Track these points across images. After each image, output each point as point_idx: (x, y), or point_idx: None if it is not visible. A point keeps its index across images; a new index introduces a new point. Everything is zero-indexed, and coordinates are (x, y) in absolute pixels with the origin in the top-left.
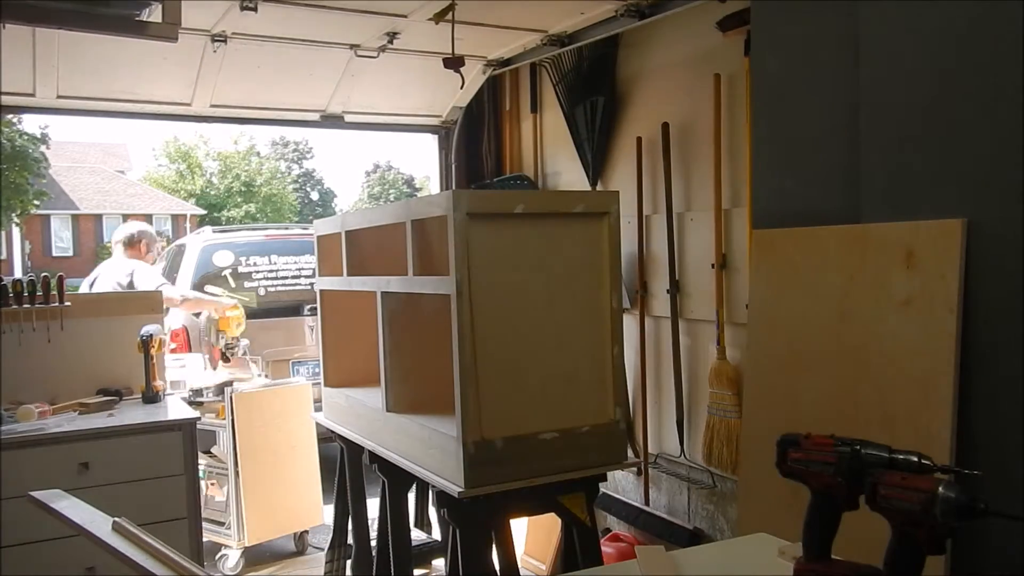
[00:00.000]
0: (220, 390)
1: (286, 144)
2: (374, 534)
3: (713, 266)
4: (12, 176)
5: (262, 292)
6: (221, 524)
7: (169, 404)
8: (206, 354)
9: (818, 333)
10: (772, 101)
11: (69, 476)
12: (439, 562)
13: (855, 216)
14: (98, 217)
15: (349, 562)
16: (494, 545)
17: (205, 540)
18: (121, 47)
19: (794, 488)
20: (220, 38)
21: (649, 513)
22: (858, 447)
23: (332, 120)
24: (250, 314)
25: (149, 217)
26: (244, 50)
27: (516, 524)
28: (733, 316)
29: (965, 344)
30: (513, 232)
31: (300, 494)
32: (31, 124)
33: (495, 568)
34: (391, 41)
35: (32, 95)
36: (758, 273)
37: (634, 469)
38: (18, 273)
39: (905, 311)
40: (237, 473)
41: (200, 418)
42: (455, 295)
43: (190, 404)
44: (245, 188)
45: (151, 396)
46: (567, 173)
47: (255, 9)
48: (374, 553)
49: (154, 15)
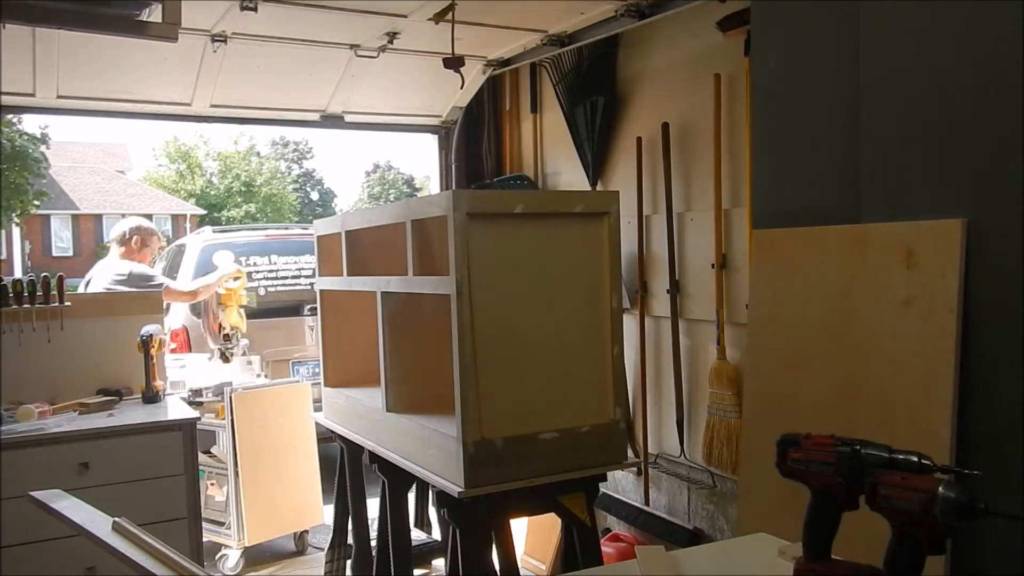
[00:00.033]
0: (220, 390)
1: (286, 144)
2: (374, 534)
3: (713, 266)
4: (12, 176)
5: (262, 292)
6: (221, 524)
7: (169, 404)
8: (208, 332)
9: (818, 333)
10: (772, 101)
11: (69, 476)
12: (439, 562)
13: (855, 216)
14: (98, 217)
15: (349, 562)
16: (494, 545)
17: (205, 540)
18: (121, 47)
19: (794, 488)
20: (220, 38)
21: (649, 513)
22: (858, 447)
23: (332, 120)
24: (250, 314)
25: (149, 217)
26: (244, 50)
27: (516, 524)
28: (733, 316)
29: (965, 344)
30: (513, 232)
31: (300, 494)
32: (31, 124)
33: (495, 568)
34: (391, 41)
35: (32, 95)
36: (758, 273)
37: (634, 469)
38: (18, 273)
39: (905, 311)
40: (237, 473)
41: (200, 418)
42: (455, 295)
43: (190, 404)
44: (245, 188)
45: (151, 396)
46: (567, 173)
47: (255, 9)
48: (374, 553)
49: (154, 15)
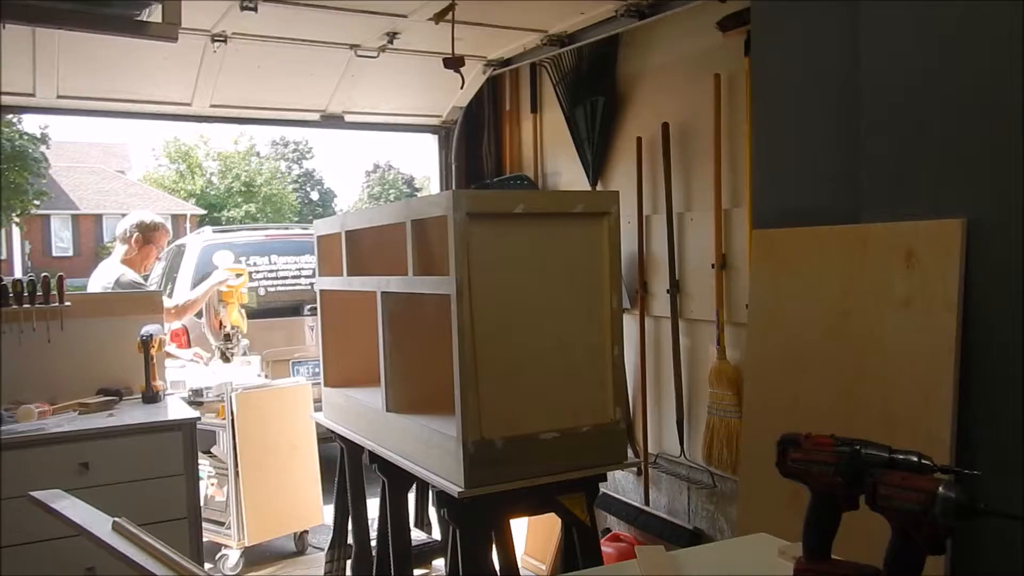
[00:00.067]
0: (221, 390)
1: (286, 144)
2: (374, 534)
3: (713, 266)
4: (12, 176)
5: (262, 292)
6: (221, 524)
7: (169, 404)
8: (208, 329)
9: (818, 333)
10: (772, 101)
11: (69, 476)
12: (439, 562)
13: (855, 216)
14: (98, 217)
15: (349, 562)
16: (494, 545)
17: (205, 540)
18: (121, 47)
19: (794, 488)
20: (220, 38)
21: (649, 513)
22: (858, 447)
23: (332, 120)
24: (250, 314)
25: None
26: (244, 50)
27: (516, 524)
28: (733, 316)
29: (965, 344)
30: (513, 232)
31: (300, 494)
32: (31, 124)
33: (495, 568)
34: (391, 41)
35: (32, 95)
36: (758, 273)
37: (634, 469)
38: (18, 273)
39: (905, 311)
40: (237, 473)
41: (200, 418)
42: (455, 295)
43: (190, 404)
44: (245, 188)
45: (151, 396)
46: (567, 173)
47: (255, 9)
48: (374, 553)
49: (154, 15)
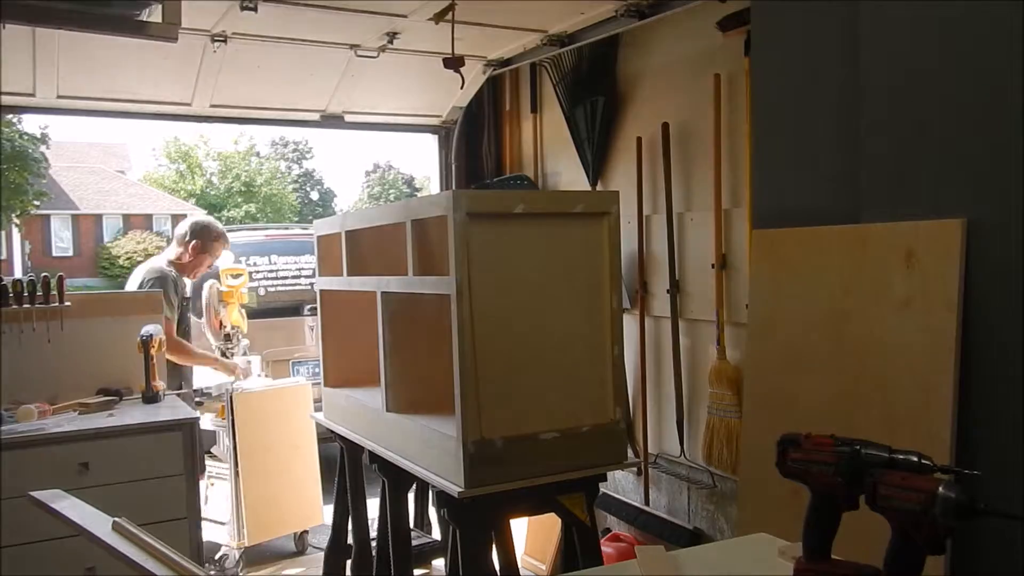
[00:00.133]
0: (222, 390)
1: (286, 144)
2: (374, 534)
3: (713, 266)
4: (12, 176)
5: (262, 292)
6: (221, 524)
7: (169, 404)
8: (208, 328)
9: (818, 333)
10: (772, 101)
11: (69, 476)
12: (439, 562)
13: (855, 216)
14: (98, 217)
15: (349, 562)
16: (494, 545)
17: (205, 540)
18: (121, 47)
19: (794, 488)
20: (220, 38)
21: (649, 513)
22: (858, 447)
23: (332, 120)
24: (250, 314)
25: (149, 217)
26: (244, 50)
27: (516, 524)
28: (733, 316)
29: (965, 344)
30: (513, 232)
31: (300, 494)
32: (31, 124)
33: (495, 568)
34: (391, 41)
35: (32, 95)
36: (758, 273)
37: (634, 469)
38: (18, 273)
39: (905, 311)
40: (237, 473)
41: (199, 418)
42: (455, 295)
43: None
44: (245, 188)
45: (151, 396)
46: (567, 173)
47: (255, 9)
48: (374, 553)
49: (154, 15)
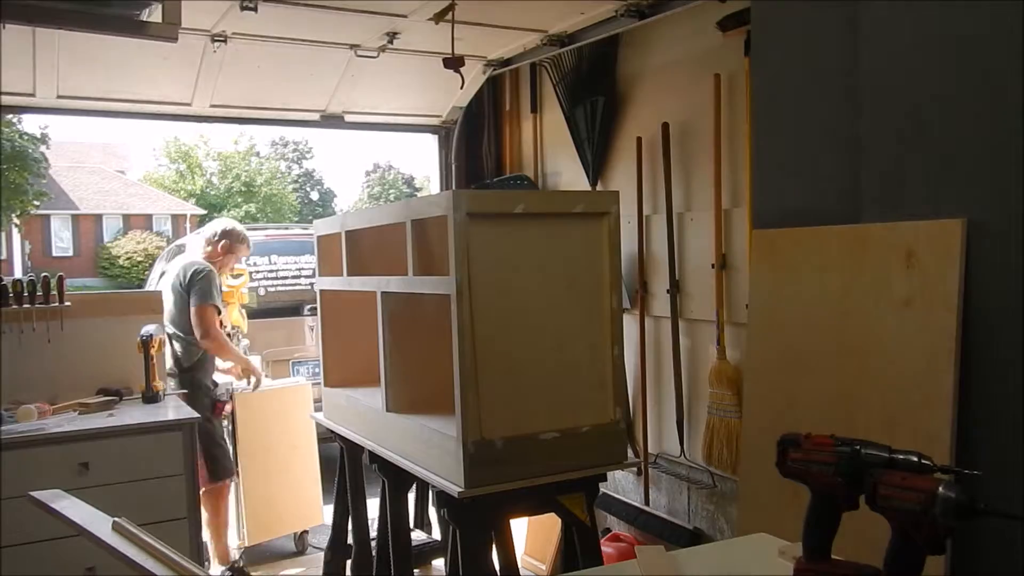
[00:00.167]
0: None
1: (286, 144)
2: (374, 534)
3: (713, 266)
4: (12, 176)
5: (262, 292)
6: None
7: (169, 404)
8: None
9: (818, 333)
10: (772, 101)
11: (69, 476)
12: (439, 562)
13: (855, 216)
14: (98, 217)
15: (349, 562)
16: (494, 545)
17: (205, 540)
18: (121, 47)
19: (794, 488)
20: (220, 38)
21: (649, 513)
22: (858, 447)
23: (332, 120)
24: (250, 314)
25: (149, 217)
26: (244, 50)
27: (516, 524)
28: (733, 316)
29: (965, 344)
30: (513, 232)
31: (300, 494)
32: (31, 124)
33: (495, 568)
34: (391, 41)
35: (32, 95)
36: (758, 273)
37: (634, 469)
38: (18, 273)
39: (905, 311)
40: (237, 473)
41: (199, 418)
42: (455, 295)
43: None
44: (245, 188)
45: (151, 396)
46: (567, 173)
47: (255, 9)
48: (374, 553)
49: (154, 15)
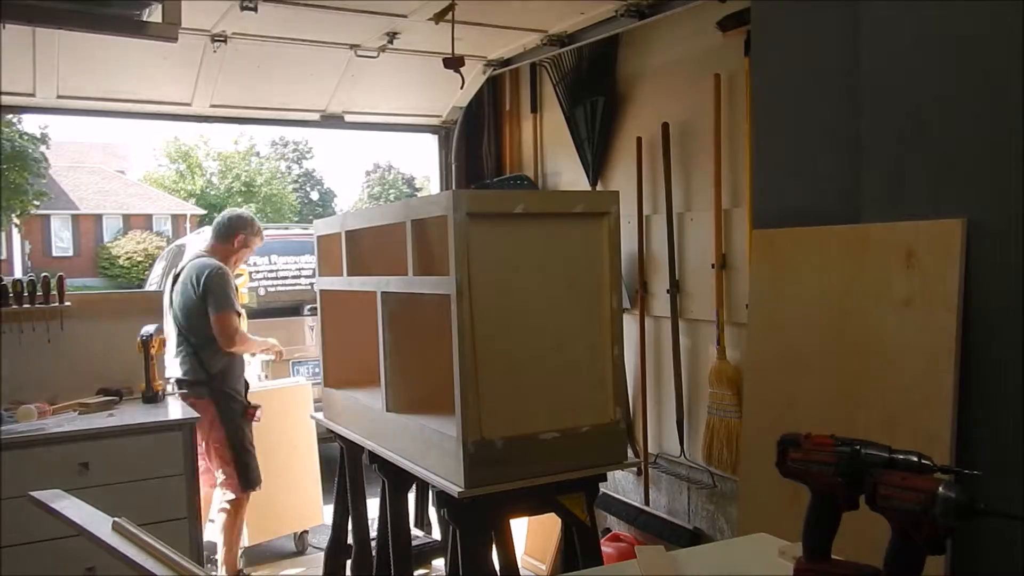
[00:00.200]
0: None
1: (286, 144)
2: (374, 534)
3: (713, 266)
4: (12, 176)
5: (262, 292)
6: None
7: (169, 404)
8: None
9: (818, 333)
10: (772, 101)
11: (69, 476)
12: (439, 562)
13: (855, 216)
14: (98, 217)
15: (349, 562)
16: (494, 545)
17: (205, 540)
18: (121, 47)
19: (794, 488)
20: (220, 38)
21: (649, 513)
22: (858, 447)
23: (332, 120)
24: (250, 314)
25: (149, 217)
26: (244, 50)
27: (516, 524)
28: (733, 316)
29: (965, 344)
30: (513, 232)
31: (300, 494)
32: (31, 124)
33: (495, 568)
34: (391, 41)
35: (32, 95)
36: (758, 273)
37: (634, 469)
38: (18, 273)
39: (905, 311)
40: None
41: (200, 418)
42: (455, 295)
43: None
44: (245, 188)
45: (151, 396)
46: (567, 173)
47: (255, 9)
48: (374, 553)
49: (154, 15)
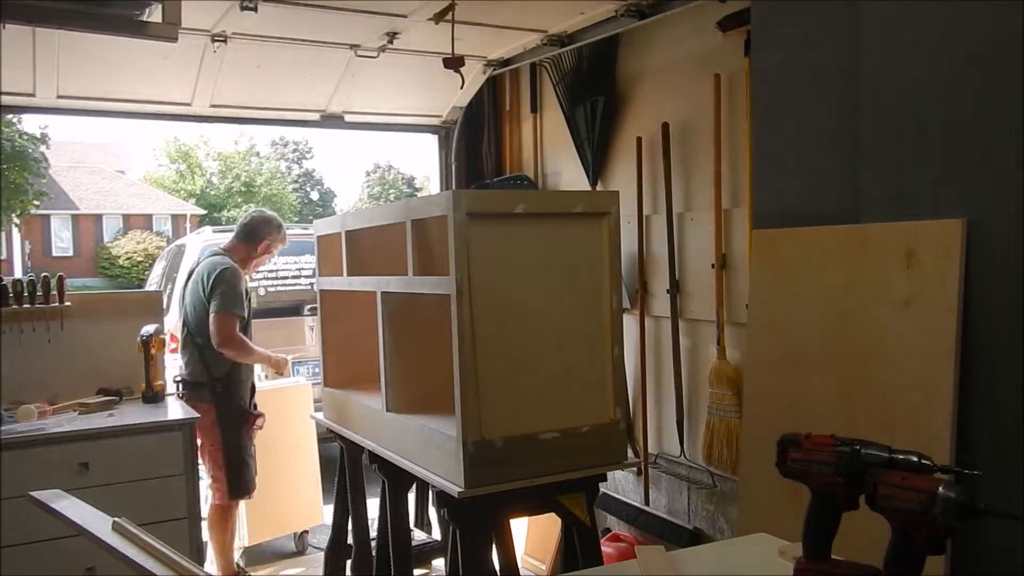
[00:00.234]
0: None
1: (286, 144)
2: (374, 534)
3: (713, 266)
4: (12, 176)
5: (262, 292)
6: None
7: (169, 404)
8: None
9: (818, 333)
10: (772, 101)
11: (69, 476)
12: (439, 562)
13: (855, 216)
14: (98, 217)
15: (349, 562)
16: (494, 545)
17: (205, 540)
18: (121, 47)
19: (794, 488)
20: (220, 38)
21: (649, 513)
22: (858, 447)
23: (332, 120)
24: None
25: (149, 217)
26: (244, 50)
27: (516, 524)
28: (733, 316)
29: (965, 344)
30: (513, 232)
31: (300, 494)
32: (31, 124)
33: (495, 568)
34: (391, 41)
35: (32, 95)
36: (758, 273)
37: (634, 469)
38: (18, 273)
39: (905, 311)
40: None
41: (200, 418)
42: (455, 295)
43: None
44: (245, 188)
45: (151, 396)
46: (567, 173)
47: (255, 9)
48: (374, 553)
49: (154, 15)
